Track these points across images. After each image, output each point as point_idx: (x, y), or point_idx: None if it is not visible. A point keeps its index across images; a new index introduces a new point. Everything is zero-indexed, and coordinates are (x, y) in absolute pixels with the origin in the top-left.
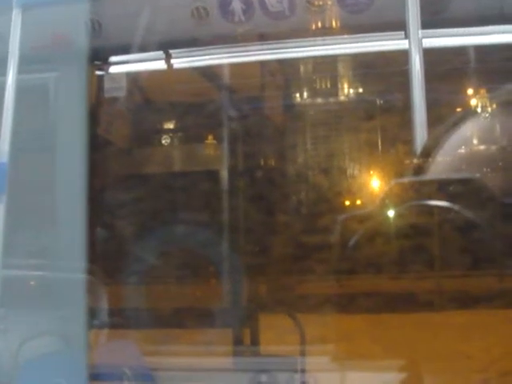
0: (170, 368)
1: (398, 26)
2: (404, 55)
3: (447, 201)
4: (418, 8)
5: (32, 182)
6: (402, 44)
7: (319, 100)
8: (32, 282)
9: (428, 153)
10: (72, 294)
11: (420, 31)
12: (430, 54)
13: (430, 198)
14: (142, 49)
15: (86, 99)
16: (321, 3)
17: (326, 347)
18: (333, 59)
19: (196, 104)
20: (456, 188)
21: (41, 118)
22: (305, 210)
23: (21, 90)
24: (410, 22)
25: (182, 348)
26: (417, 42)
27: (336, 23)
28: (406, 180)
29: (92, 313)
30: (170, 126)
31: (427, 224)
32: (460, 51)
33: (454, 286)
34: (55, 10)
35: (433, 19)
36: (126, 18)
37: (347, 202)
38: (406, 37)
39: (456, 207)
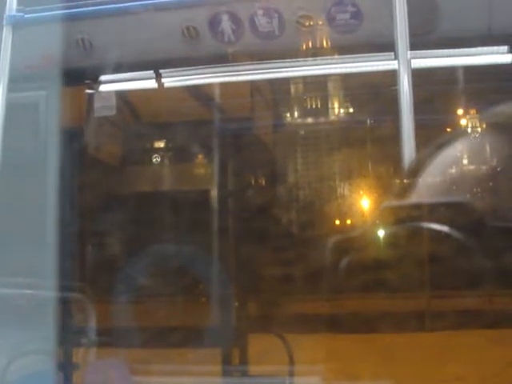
0: None
1: (388, 46)
2: (393, 75)
3: (437, 223)
4: (407, 29)
5: (21, 199)
6: (392, 64)
7: (309, 120)
8: (18, 301)
9: (415, 174)
10: (59, 312)
11: (409, 52)
12: (418, 75)
13: (421, 221)
14: (133, 68)
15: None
16: (311, 23)
17: (315, 367)
18: (323, 79)
19: (185, 123)
20: (445, 211)
21: (30, 136)
22: (295, 229)
23: (11, 108)
24: (399, 42)
25: (170, 367)
26: (405, 63)
27: (326, 43)
28: (395, 203)
29: (80, 331)
30: (161, 145)
31: (417, 246)
32: (448, 72)
33: (443, 307)
34: (45, 28)
35: (421, 40)
36: (116, 37)
37: (337, 222)
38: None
39: (446, 230)
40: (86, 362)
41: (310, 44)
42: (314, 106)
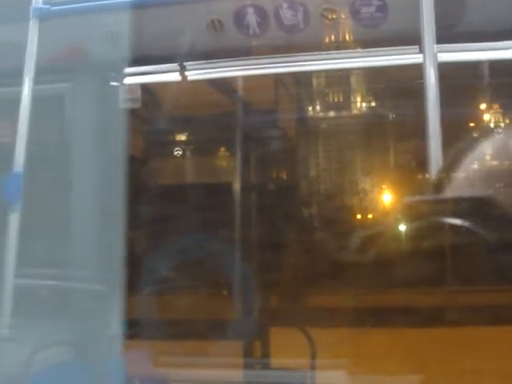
0: (181, 379)
1: (413, 40)
2: (418, 69)
3: (461, 218)
4: (433, 22)
5: (46, 192)
6: (417, 58)
7: (332, 113)
8: (45, 292)
9: (447, 170)
10: (86, 304)
11: (435, 45)
12: (444, 69)
13: (445, 216)
14: (158, 61)
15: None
16: (335, 16)
17: (337, 361)
18: (347, 73)
19: (210, 116)
20: (469, 206)
21: (56, 128)
22: (318, 223)
23: (36, 101)
24: (425, 36)
25: (192, 360)
26: (431, 56)
27: (350, 37)
28: (420, 198)
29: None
30: (184, 138)
31: (441, 241)
32: (475, 66)
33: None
34: (72, 20)
35: (447, 33)
36: (141, 29)
37: (359, 216)
38: (421, 51)
39: (469, 225)
40: (110, 353)
41: (334, 37)
42: (336, 100)
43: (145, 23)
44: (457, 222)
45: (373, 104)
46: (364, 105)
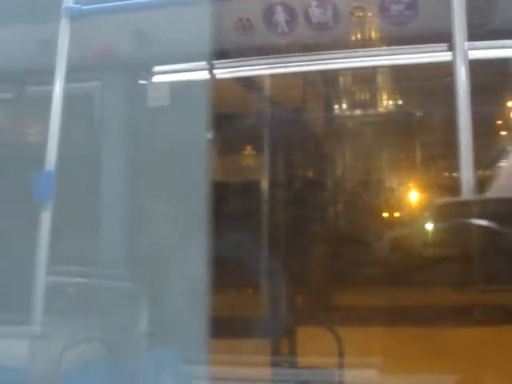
0: (209, 377)
1: (442, 37)
2: (446, 67)
3: (492, 221)
4: (464, 19)
5: (77, 190)
6: (445, 56)
7: (361, 112)
8: (75, 289)
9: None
10: (114, 301)
11: (466, 43)
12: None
13: (476, 218)
14: (186, 59)
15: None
16: (363, 14)
17: (364, 360)
18: (373, 71)
19: (237, 114)
20: (502, 208)
21: (85, 126)
22: (345, 221)
23: (68, 99)
24: (456, 33)
25: (219, 357)
26: (462, 54)
27: (379, 34)
28: (451, 199)
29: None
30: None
31: (473, 243)
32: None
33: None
34: (102, 19)
35: (478, 31)
36: (170, 28)
37: (385, 215)
38: (450, 49)
39: (501, 227)
40: (138, 350)
41: (363, 35)
42: (363, 98)
43: (174, 22)
44: (489, 224)
45: (400, 102)
46: (393, 103)
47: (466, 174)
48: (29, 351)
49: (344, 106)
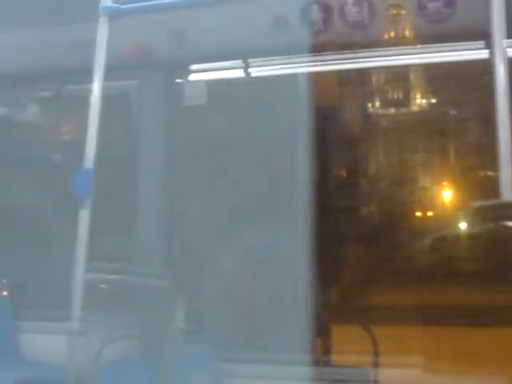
0: (243, 375)
1: (480, 35)
2: (483, 66)
3: None
4: (503, 17)
5: (115, 189)
6: (482, 54)
7: (400, 110)
8: (113, 286)
9: None
10: (151, 299)
11: (505, 40)
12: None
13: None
14: (222, 58)
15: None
16: (401, 12)
17: (400, 359)
18: (407, 69)
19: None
20: None
21: (122, 125)
22: (380, 221)
23: (106, 98)
24: (495, 31)
25: (254, 355)
26: (501, 52)
27: (414, 32)
28: (488, 202)
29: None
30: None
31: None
32: None
33: None
34: (140, 18)
35: None
36: (207, 27)
37: (419, 214)
38: (487, 46)
39: None
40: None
41: (399, 33)
42: (397, 97)
43: (211, 21)
44: None
45: (433, 100)
46: (424, 101)
47: (505, 173)
48: (67, 347)
49: (379, 104)
